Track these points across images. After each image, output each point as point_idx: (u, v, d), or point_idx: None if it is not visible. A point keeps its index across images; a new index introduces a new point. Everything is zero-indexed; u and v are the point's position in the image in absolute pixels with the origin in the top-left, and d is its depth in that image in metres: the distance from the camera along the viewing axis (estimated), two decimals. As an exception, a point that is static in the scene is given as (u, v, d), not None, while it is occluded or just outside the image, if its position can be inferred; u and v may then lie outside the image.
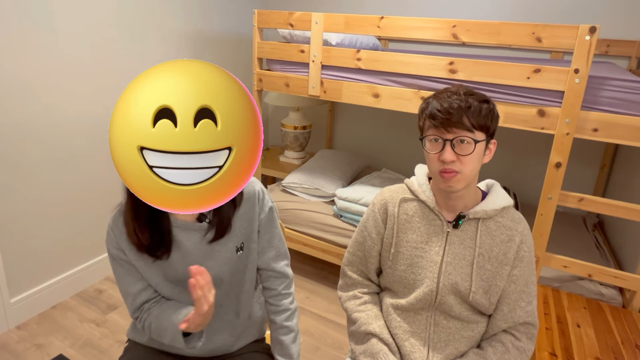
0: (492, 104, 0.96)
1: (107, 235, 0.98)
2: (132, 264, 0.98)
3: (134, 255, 0.96)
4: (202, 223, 0.97)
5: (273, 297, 1.10)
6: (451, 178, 0.95)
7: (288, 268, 1.13)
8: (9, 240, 1.87)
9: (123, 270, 0.99)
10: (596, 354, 1.39)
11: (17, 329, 1.93)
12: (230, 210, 0.99)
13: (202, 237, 0.98)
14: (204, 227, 0.98)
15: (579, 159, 2.51)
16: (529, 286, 1.02)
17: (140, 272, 0.99)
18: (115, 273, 1.00)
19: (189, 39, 2.57)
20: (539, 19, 2.38)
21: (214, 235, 0.98)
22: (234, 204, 1.00)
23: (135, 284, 1.00)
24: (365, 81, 1.94)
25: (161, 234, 0.95)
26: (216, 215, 0.98)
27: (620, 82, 1.51)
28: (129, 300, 1.01)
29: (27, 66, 1.79)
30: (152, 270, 0.98)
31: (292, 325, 1.10)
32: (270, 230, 1.09)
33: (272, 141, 3.58)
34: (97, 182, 2.19)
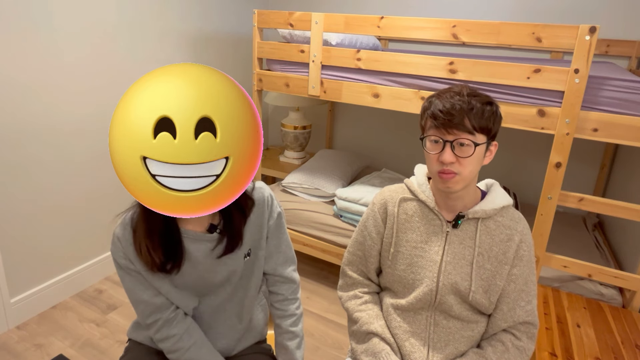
0: (495, 106, 0.96)
1: (113, 245, 0.95)
2: (140, 273, 0.96)
3: (141, 266, 0.94)
4: (212, 234, 0.96)
5: (279, 302, 1.10)
6: (449, 179, 0.95)
7: (295, 273, 1.13)
8: (9, 240, 1.87)
9: (132, 279, 0.97)
10: (596, 354, 1.39)
11: (17, 329, 1.93)
12: (241, 222, 0.98)
13: (211, 248, 0.97)
14: (215, 238, 0.96)
15: (579, 159, 2.51)
16: (528, 285, 1.02)
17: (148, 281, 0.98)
18: (124, 282, 0.98)
19: (188, 39, 2.57)
20: (539, 19, 2.38)
21: (223, 250, 0.97)
22: (245, 214, 0.99)
23: (146, 291, 0.98)
24: (365, 81, 1.94)
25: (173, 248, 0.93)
26: (227, 227, 0.96)
27: (620, 82, 1.51)
28: (141, 307, 0.99)
29: (27, 66, 1.79)
30: (161, 279, 0.97)
31: (297, 330, 1.09)
32: (278, 236, 1.08)
33: (272, 141, 3.58)
34: (97, 182, 2.19)
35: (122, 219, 0.95)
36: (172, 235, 0.93)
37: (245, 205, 0.99)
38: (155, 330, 1.00)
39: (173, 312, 1.01)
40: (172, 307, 1.01)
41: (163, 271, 0.94)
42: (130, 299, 1.00)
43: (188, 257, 0.96)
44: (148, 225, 0.90)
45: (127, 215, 0.95)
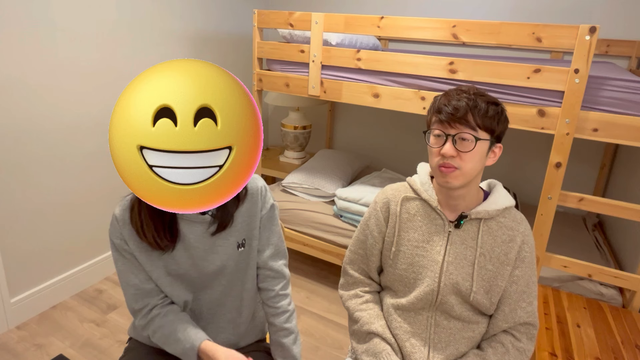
0: (500, 107, 0.96)
1: (111, 225, 0.97)
2: (134, 255, 0.97)
3: (136, 247, 0.96)
4: (205, 215, 0.98)
5: (271, 299, 1.09)
6: (449, 173, 0.95)
7: (286, 268, 1.13)
8: (9, 240, 1.86)
9: (125, 261, 0.98)
10: (596, 354, 1.39)
11: (17, 329, 1.93)
12: (233, 205, 1.00)
13: (205, 230, 0.99)
14: (207, 220, 0.98)
15: (579, 159, 2.51)
16: (530, 286, 1.02)
17: (141, 264, 0.99)
18: (117, 263, 0.99)
19: (189, 39, 2.57)
20: (539, 19, 2.38)
21: (216, 228, 0.98)
22: (238, 199, 1.01)
23: (137, 275, 0.99)
24: (365, 81, 1.94)
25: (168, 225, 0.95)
26: (219, 208, 0.99)
27: (620, 82, 1.51)
28: (131, 291, 0.99)
29: (27, 66, 1.79)
30: (154, 263, 0.98)
31: (291, 327, 1.09)
32: (270, 228, 1.09)
33: (272, 141, 3.58)
34: (97, 182, 2.19)
35: (122, 201, 0.97)
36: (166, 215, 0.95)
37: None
38: (142, 316, 1.00)
39: (162, 299, 1.01)
40: (162, 295, 1.02)
41: (159, 248, 0.95)
42: (121, 282, 1.01)
43: (182, 238, 0.97)
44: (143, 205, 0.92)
45: (127, 197, 0.97)
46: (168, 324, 0.99)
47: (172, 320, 0.99)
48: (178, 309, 1.03)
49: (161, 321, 0.99)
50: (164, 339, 0.99)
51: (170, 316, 1.00)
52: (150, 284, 1.00)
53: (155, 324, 1.00)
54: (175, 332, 0.98)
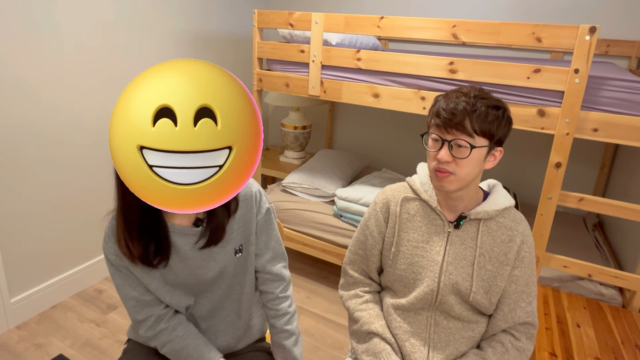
0: (502, 110, 0.93)
1: (104, 241, 0.96)
2: (129, 269, 0.97)
3: (130, 262, 0.95)
4: (198, 228, 0.97)
5: (271, 301, 1.09)
6: (444, 178, 0.95)
7: (285, 270, 1.12)
8: (9, 240, 1.86)
9: (121, 275, 0.98)
10: (596, 354, 1.39)
11: (17, 328, 1.93)
12: (224, 217, 0.98)
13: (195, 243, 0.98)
14: (200, 232, 0.97)
15: (579, 159, 2.51)
16: (529, 286, 1.02)
17: (138, 277, 0.98)
18: (114, 278, 0.99)
19: (188, 39, 2.57)
20: (539, 19, 2.38)
21: (205, 242, 0.97)
22: (229, 211, 0.99)
23: (135, 288, 0.98)
24: (365, 81, 1.94)
25: (159, 242, 0.94)
26: (210, 222, 0.97)
27: (620, 82, 1.51)
28: (132, 304, 0.99)
29: (28, 66, 1.79)
30: (151, 274, 0.98)
31: (292, 328, 1.09)
32: (268, 232, 1.08)
33: (272, 141, 3.58)
34: (97, 182, 2.19)
35: (112, 215, 0.96)
36: (157, 229, 0.94)
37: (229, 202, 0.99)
38: (147, 327, 1.00)
39: (165, 309, 1.01)
40: (163, 304, 1.01)
41: (147, 264, 0.94)
42: (120, 296, 1.00)
43: (176, 251, 0.97)
44: (125, 218, 0.90)
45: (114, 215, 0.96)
46: (178, 340, 0.99)
47: (183, 335, 0.99)
48: (185, 320, 1.03)
49: (170, 335, 0.99)
50: (174, 353, 0.99)
51: (180, 330, 1.00)
52: (150, 295, 1.00)
53: (163, 337, 0.99)
54: (187, 348, 0.98)
